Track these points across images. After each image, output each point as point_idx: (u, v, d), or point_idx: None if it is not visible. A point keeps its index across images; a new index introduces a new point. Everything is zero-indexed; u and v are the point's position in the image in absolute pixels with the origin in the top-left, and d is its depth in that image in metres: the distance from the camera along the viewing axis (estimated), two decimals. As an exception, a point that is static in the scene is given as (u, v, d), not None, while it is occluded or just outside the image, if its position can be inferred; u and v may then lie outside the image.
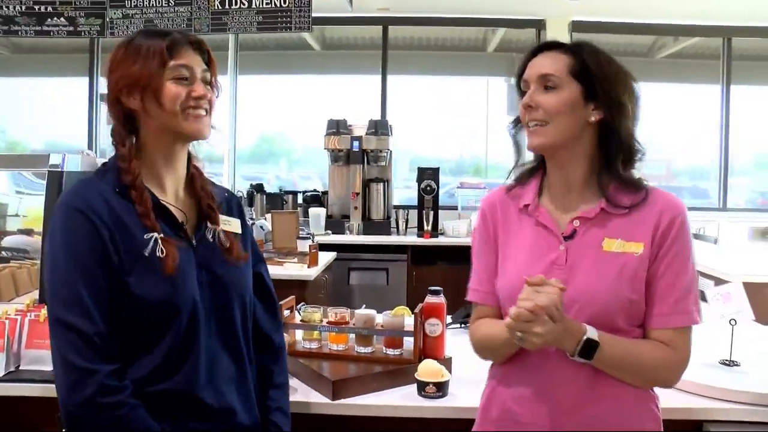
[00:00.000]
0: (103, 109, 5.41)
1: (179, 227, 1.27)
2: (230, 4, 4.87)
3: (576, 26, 5.51)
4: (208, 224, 1.31)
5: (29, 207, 2.53)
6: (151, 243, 1.18)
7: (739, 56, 5.79)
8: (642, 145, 1.28)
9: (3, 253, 2.12)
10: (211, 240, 1.30)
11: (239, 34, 5.35)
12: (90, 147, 5.59)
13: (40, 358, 1.65)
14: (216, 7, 4.90)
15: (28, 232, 2.31)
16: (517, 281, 1.19)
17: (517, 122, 1.33)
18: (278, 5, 4.79)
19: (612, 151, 1.25)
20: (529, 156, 1.38)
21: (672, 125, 5.74)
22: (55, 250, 1.17)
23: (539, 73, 1.25)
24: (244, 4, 4.85)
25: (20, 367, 1.65)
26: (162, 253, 1.18)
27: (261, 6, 4.83)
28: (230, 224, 1.35)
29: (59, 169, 1.89)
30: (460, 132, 6.30)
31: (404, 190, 5.99)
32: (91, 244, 1.15)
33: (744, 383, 1.59)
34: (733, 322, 1.73)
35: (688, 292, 1.22)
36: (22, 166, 1.97)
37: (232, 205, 1.42)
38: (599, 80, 1.22)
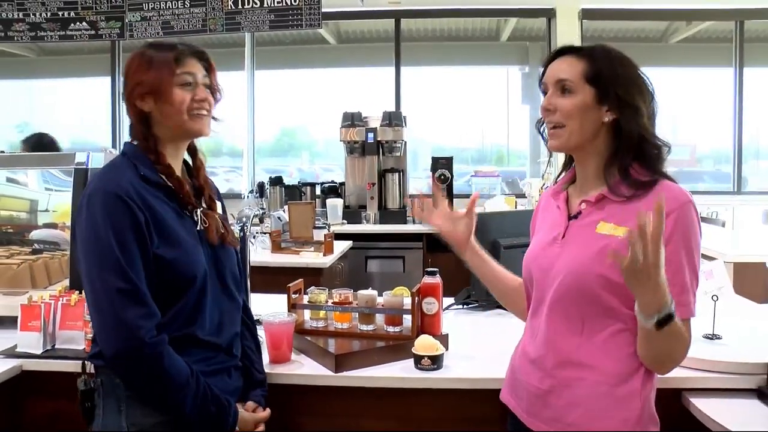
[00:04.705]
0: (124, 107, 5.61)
1: (186, 209, 1.49)
2: (243, 4, 5.03)
3: (586, 14, 5.54)
4: (206, 209, 1.53)
5: (58, 203, 2.70)
6: (199, 216, 1.47)
7: (752, 38, 5.78)
8: (663, 142, 1.33)
9: (35, 245, 2.27)
10: (206, 225, 1.51)
11: (252, 32, 5.51)
12: (113, 143, 5.79)
13: (72, 338, 1.82)
14: (230, 8, 5.06)
15: (56, 225, 2.48)
16: (531, 254, 1.41)
17: (542, 121, 1.43)
18: (289, 3, 4.94)
19: (621, 149, 1.32)
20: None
21: (694, 110, 5.75)
22: (98, 228, 1.33)
23: (557, 77, 1.35)
24: (256, 4, 5.01)
25: (56, 346, 1.83)
26: (205, 224, 1.47)
27: (273, 5, 4.98)
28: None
29: (85, 167, 2.06)
30: (481, 121, 6.38)
31: (426, 180, 6.08)
32: (131, 223, 1.34)
33: (722, 354, 1.67)
34: (715, 298, 1.82)
35: (687, 286, 1.25)
36: (50, 164, 2.13)
37: (215, 189, 1.64)
38: (612, 84, 1.30)
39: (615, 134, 1.33)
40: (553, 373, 1.35)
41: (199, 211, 1.48)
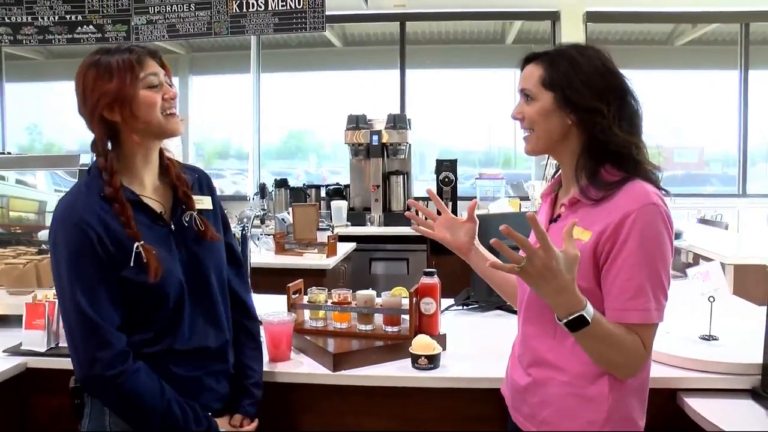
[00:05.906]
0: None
1: (159, 217, 1.46)
2: (248, 7, 5.06)
3: (590, 16, 5.55)
4: (184, 208, 1.48)
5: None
6: (134, 253, 1.35)
7: (758, 41, 5.76)
8: (633, 141, 1.30)
9: (42, 245, 2.31)
10: (187, 222, 1.48)
11: (258, 35, 5.56)
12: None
13: (76, 337, 1.84)
14: (234, 11, 5.09)
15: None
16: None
17: None
18: (293, 7, 4.96)
19: (587, 149, 1.33)
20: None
21: (701, 112, 5.72)
22: (59, 261, 1.34)
23: (520, 86, 1.38)
24: (260, 7, 5.04)
25: (59, 344, 1.85)
26: (145, 259, 1.36)
27: (277, 8, 5.01)
28: (203, 202, 1.54)
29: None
30: (488, 123, 6.38)
31: (432, 183, 6.08)
32: (91, 253, 1.33)
33: (717, 354, 1.68)
34: (711, 299, 1.83)
35: (645, 291, 1.22)
36: (56, 166, 2.16)
37: (203, 184, 1.59)
38: (566, 88, 1.30)
39: (586, 136, 1.33)
40: (529, 371, 1.39)
41: (138, 245, 1.36)
